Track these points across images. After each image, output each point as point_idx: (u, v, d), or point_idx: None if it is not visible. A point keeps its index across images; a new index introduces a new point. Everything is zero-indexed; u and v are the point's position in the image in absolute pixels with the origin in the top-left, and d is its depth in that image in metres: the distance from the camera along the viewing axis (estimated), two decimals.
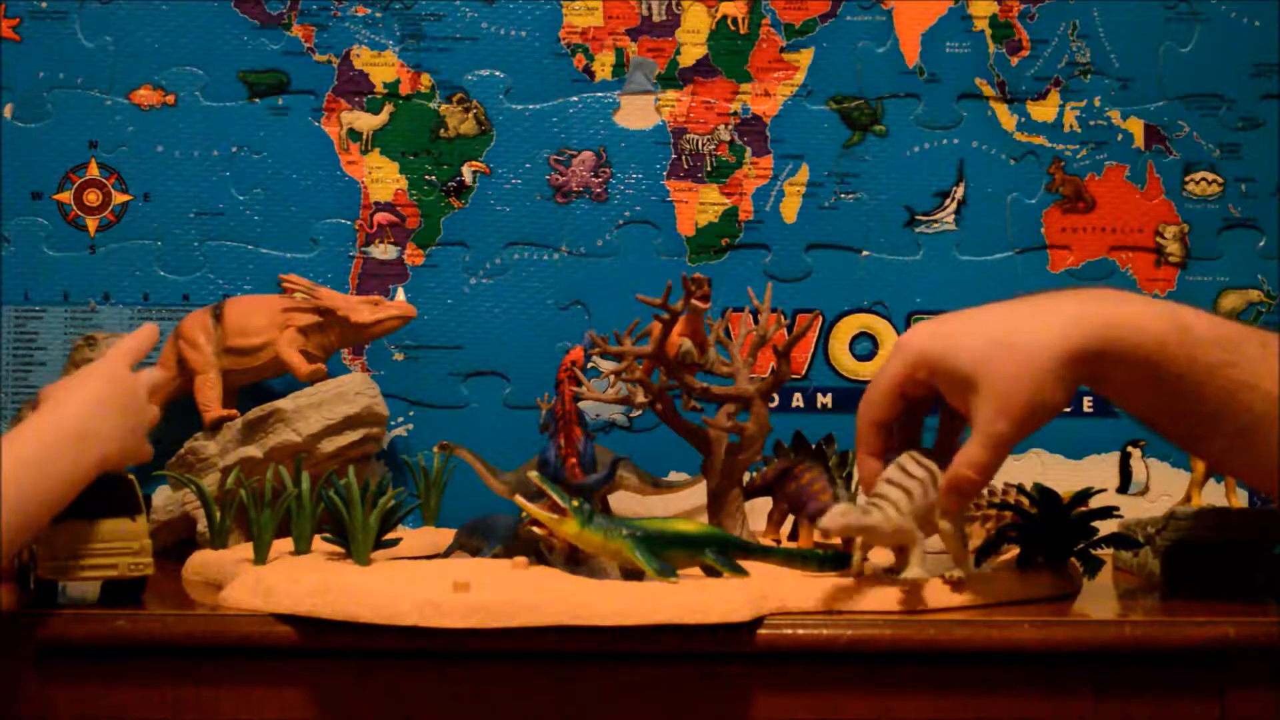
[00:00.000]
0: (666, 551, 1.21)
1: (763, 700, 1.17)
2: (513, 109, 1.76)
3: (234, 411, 1.58)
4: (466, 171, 1.75)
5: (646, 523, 1.22)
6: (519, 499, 1.21)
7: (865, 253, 1.76)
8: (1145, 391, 1.08)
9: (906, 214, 1.76)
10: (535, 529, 1.23)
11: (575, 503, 1.19)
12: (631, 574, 1.22)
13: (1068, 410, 1.73)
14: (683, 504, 1.65)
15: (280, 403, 1.56)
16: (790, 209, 1.76)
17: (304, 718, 1.17)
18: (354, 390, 1.58)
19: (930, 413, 1.23)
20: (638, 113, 1.76)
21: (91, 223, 1.73)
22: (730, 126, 1.76)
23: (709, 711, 1.17)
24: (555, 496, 1.19)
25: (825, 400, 1.74)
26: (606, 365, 1.63)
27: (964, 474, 1.14)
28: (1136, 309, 1.07)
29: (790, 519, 1.45)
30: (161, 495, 1.59)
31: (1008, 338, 1.08)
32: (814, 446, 1.41)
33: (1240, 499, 1.49)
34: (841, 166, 1.76)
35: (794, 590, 1.20)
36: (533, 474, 1.23)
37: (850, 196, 1.76)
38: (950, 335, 1.11)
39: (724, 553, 1.23)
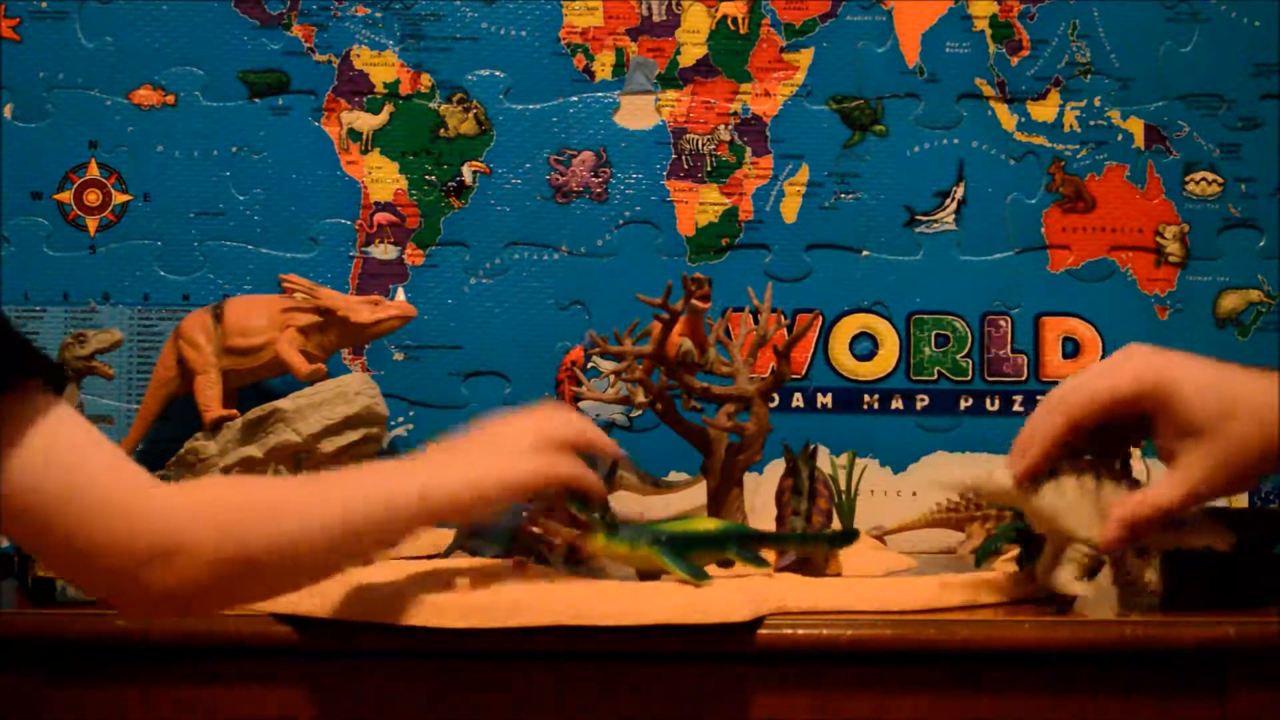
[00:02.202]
0: (690, 553, 1.21)
1: (763, 700, 1.17)
2: (513, 109, 1.75)
3: (234, 411, 1.58)
4: (466, 171, 1.75)
5: (666, 526, 1.22)
6: (544, 521, 1.20)
7: (865, 253, 1.76)
8: None
9: (906, 214, 1.76)
10: (534, 529, 1.23)
11: (596, 514, 1.19)
12: (648, 576, 1.22)
13: None
14: (683, 504, 1.65)
15: (280, 403, 1.56)
16: (790, 209, 1.76)
17: (304, 717, 1.16)
18: (354, 390, 1.58)
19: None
20: (638, 113, 1.76)
21: (91, 223, 1.73)
22: (730, 126, 1.76)
23: (709, 711, 1.17)
24: (576, 511, 1.18)
25: (825, 400, 1.74)
26: (606, 365, 1.63)
27: (1148, 514, 1.09)
28: None
29: None
30: None
31: (1248, 400, 1.04)
32: (794, 457, 1.39)
33: (1240, 499, 1.49)
34: (841, 166, 1.76)
35: (794, 590, 1.20)
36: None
37: (850, 196, 1.76)
38: (1182, 376, 1.06)
39: (745, 546, 1.24)
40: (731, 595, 1.15)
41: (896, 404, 1.75)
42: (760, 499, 1.56)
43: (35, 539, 0.95)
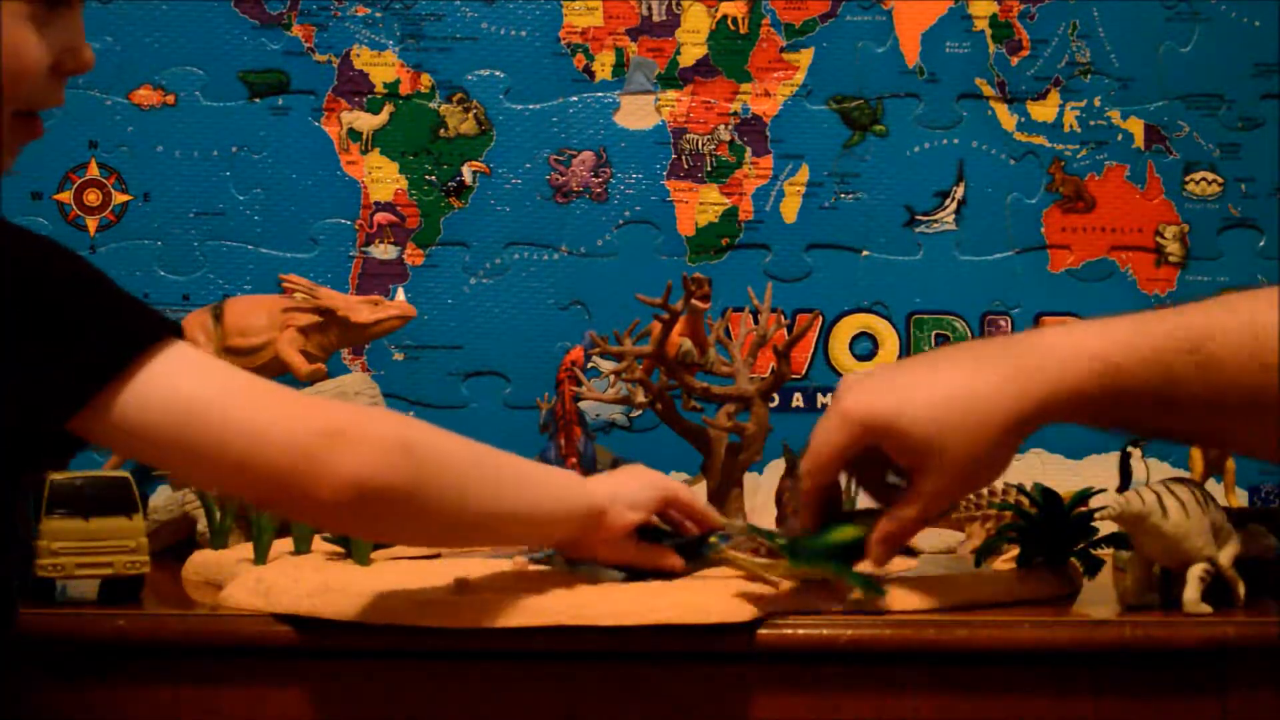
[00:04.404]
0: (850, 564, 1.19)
1: (763, 700, 1.17)
2: (513, 109, 1.76)
3: None
4: (466, 171, 1.75)
5: (815, 541, 1.18)
6: (731, 553, 1.18)
7: (865, 253, 1.76)
8: (1099, 426, 1.09)
9: (906, 214, 1.76)
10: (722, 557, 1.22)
11: (781, 541, 1.17)
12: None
13: None
14: None
15: None
16: (790, 209, 1.76)
17: (304, 717, 1.16)
18: (354, 390, 1.58)
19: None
20: (638, 113, 1.76)
21: (91, 223, 1.73)
22: (730, 126, 1.76)
23: (709, 711, 1.17)
24: (768, 542, 1.17)
25: (825, 400, 1.74)
26: (606, 365, 1.63)
27: (898, 529, 1.14)
28: (1070, 370, 1.06)
29: None
30: (161, 495, 1.59)
31: (958, 412, 1.07)
32: (794, 457, 1.39)
33: (1240, 499, 1.49)
34: (841, 166, 1.76)
35: (794, 590, 1.20)
36: (738, 522, 1.21)
37: (850, 196, 1.76)
38: (898, 404, 1.09)
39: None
40: (731, 595, 1.15)
41: None
42: (760, 499, 1.55)
43: (206, 449, 0.97)
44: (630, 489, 1.19)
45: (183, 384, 0.97)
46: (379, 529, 1.11)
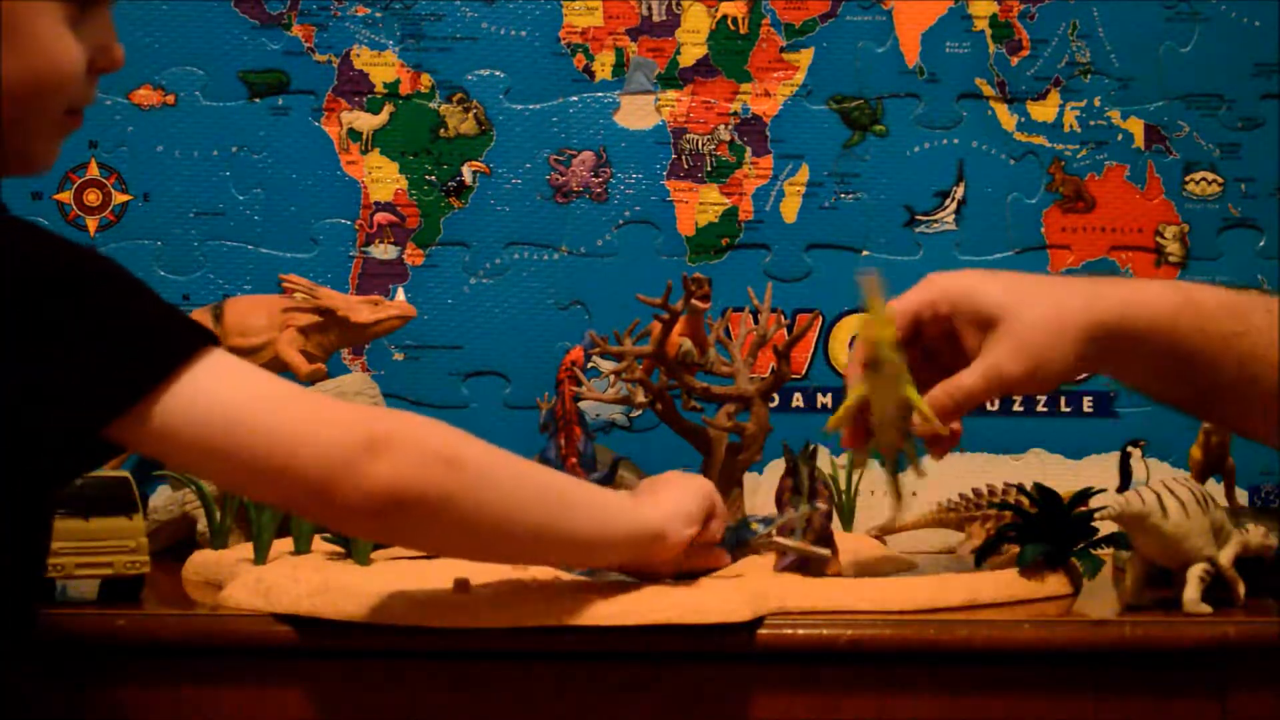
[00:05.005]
0: None
1: (763, 700, 1.17)
2: (513, 109, 1.76)
3: None
4: (466, 171, 1.75)
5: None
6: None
7: (865, 253, 1.76)
8: (1159, 365, 1.08)
9: (906, 214, 1.76)
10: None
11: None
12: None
13: (1067, 410, 1.75)
14: None
15: None
16: (790, 209, 1.76)
17: (304, 717, 1.16)
18: (354, 390, 1.58)
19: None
20: (638, 113, 1.76)
21: (91, 223, 1.73)
22: (730, 126, 1.76)
23: (709, 711, 1.17)
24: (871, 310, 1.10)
25: (825, 400, 1.74)
26: (606, 365, 1.63)
27: (954, 394, 1.08)
28: (1148, 289, 1.08)
29: None
30: (161, 495, 1.59)
31: (1037, 291, 1.07)
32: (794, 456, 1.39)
33: (1240, 498, 1.49)
34: (841, 166, 1.76)
35: (794, 590, 1.20)
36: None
37: (850, 196, 1.76)
38: (979, 277, 1.10)
39: None
40: (731, 595, 1.15)
41: None
42: (760, 499, 1.56)
43: (248, 456, 0.97)
44: (681, 504, 1.17)
45: (226, 391, 0.97)
46: (412, 538, 1.10)
